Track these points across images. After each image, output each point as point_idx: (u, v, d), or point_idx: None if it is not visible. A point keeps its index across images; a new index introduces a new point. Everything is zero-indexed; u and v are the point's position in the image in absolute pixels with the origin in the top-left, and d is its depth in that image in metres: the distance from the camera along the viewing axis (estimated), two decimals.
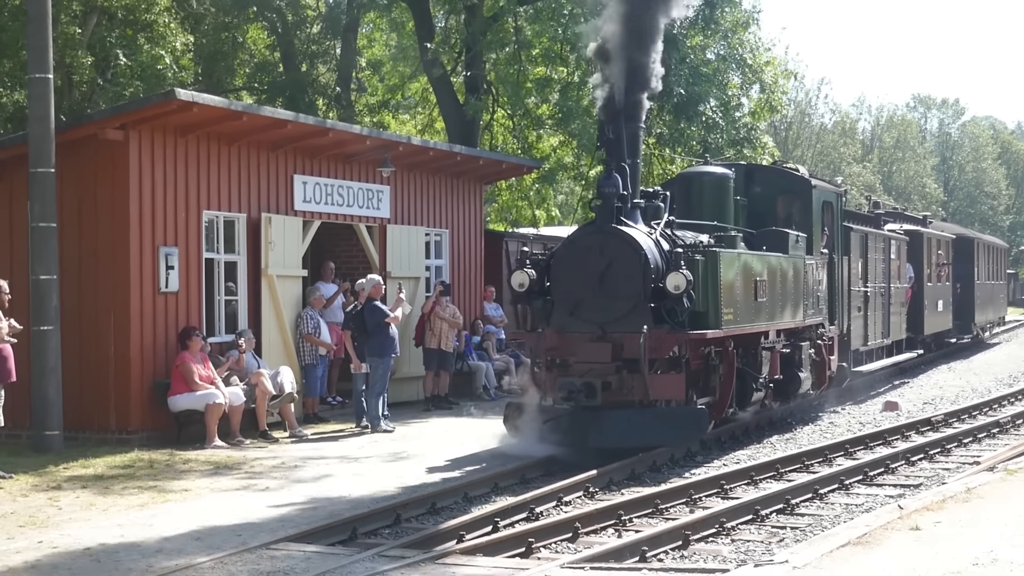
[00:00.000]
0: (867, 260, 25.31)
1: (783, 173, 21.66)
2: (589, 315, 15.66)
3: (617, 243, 15.51)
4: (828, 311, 21.28)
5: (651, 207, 16.81)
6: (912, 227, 32.64)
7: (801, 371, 19.29)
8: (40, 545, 11.24)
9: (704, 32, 33.03)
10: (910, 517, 10.97)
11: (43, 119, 16.99)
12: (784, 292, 18.58)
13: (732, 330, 16.53)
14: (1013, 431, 19.19)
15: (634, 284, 15.35)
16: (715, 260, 16.10)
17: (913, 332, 30.60)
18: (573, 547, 11.14)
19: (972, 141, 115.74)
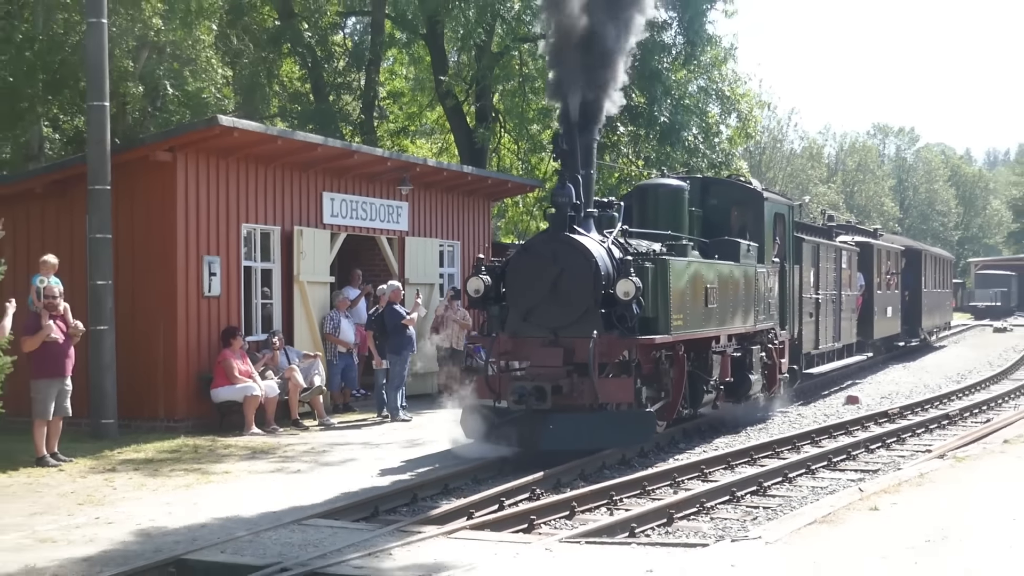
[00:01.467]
0: (819, 269, 24.38)
1: (737, 186, 20.50)
2: (542, 320, 14.58)
3: (569, 251, 14.40)
4: (779, 317, 20.28)
5: (605, 216, 15.81)
6: (863, 239, 31.77)
7: (752, 373, 18.26)
8: (96, 521, 11.26)
9: (686, 67, 33.09)
10: (869, 499, 10.99)
11: (100, 142, 17.03)
12: (735, 298, 17.53)
13: (682, 335, 15.44)
14: (961, 423, 19.19)
15: (585, 290, 14.29)
16: (665, 268, 15.05)
17: (863, 336, 29.77)
18: (570, 523, 11.16)
19: (925, 165, 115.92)
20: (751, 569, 8.31)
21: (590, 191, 15.15)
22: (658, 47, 32.32)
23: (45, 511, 11.83)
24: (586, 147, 14.98)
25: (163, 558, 9.31)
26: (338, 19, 36.78)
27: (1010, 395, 23.26)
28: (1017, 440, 15.27)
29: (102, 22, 17.40)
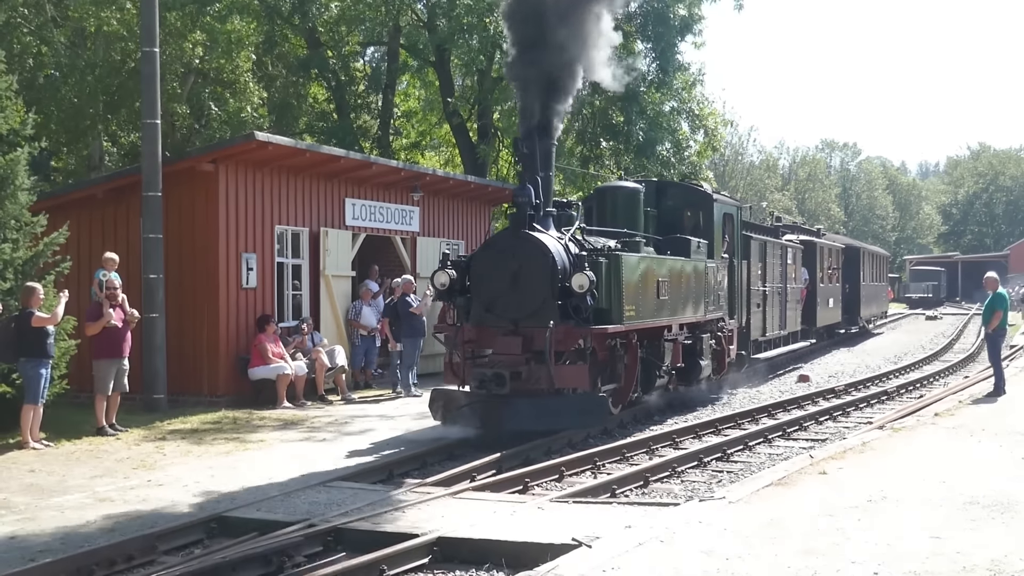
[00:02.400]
0: (766, 264, 23.37)
1: (689, 189, 19.68)
2: (503, 311, 13.75)
3: (528, 247, 13.67)
4: (728, 307, 19.44)
5: (565, 215, 14.90)
6: (807, 237, 30.94)
7: (702, 359, 17.63)
8: (149, 483, 11.27)
9: (660, 90, 33.02)
10: (818, 464, 11.00)
11: (152, 155, 17.01)
12: (686, 291, 16.66)
13: (634, 325, 14.56)
14: (898, 398, 19.18)
15: (542, 283, 13.52)
16: (617, 262, 14.23)
17: (808, 324, 28.79)
18: (559, 485, 11.17)
19: (866, 175, 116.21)
20: (716, 525, 8.30)
21: (549, 192, 14.47)
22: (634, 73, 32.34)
23: (104, 474, 11.85)
24: (545, 152, 14.24)
25: (206, 515, 9.31)
26: (359, 48, 36.72)
27: (940, 374, 23.28)
28: (946, 413, 15.30)
29: (155, 51, 17.38)
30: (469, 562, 8.09)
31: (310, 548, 8.36)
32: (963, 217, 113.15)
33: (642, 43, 33.57)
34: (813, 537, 7.87)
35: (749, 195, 75.24)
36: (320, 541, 8.49)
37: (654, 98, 32.63)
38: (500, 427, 13.01)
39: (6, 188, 15.05)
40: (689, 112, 35.07)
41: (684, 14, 32.66)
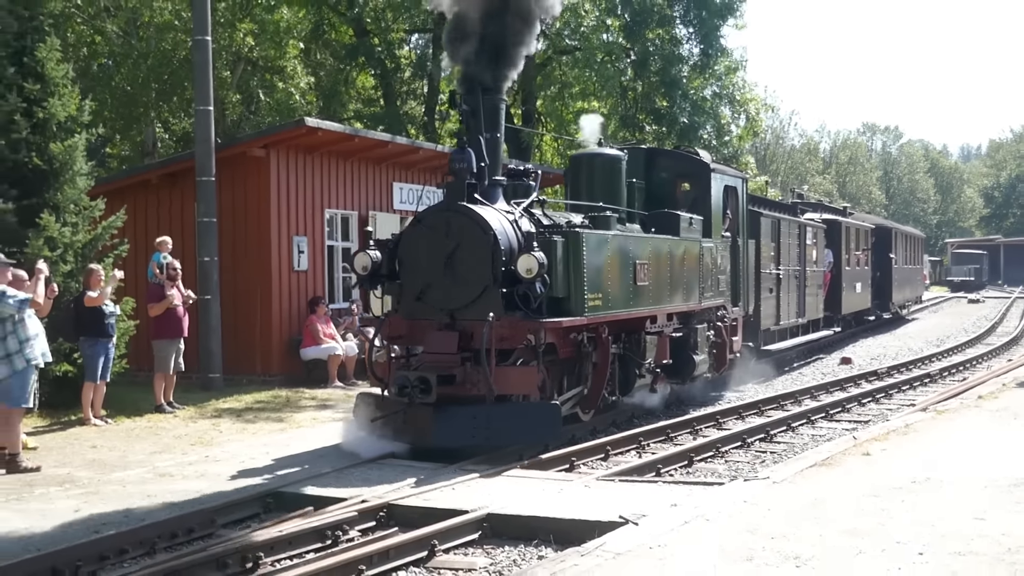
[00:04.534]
0: (780, 244, 20.65)
1: (682, 157, 16.52)
2: (437, 301, 11.17)
3: (464, 222, 11.02)
4: (732, 293, 16.64)
5: (520, 185, 12.56)
6: (831, 216, 28.05)
7: (696, 354, 14.73)
8: (206, 459, 11.42)
9: (702, 75, 32.87)
10: (862, 445, 10.94)
11: (205, 141, 17.16)
12: (673, 275, 13.91)
13: (600, 317, 11.90)
14: (941, 381, 19.00)
15: (482, 267, 10.92)
16: (577, 241, 11.45)
17: (831, 311, 26.05)
18: (605, 464, 11.17)
19: (907, 159, 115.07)
20: (761, 504, 8.30)
21: (497, 157, 11.81)
22: (677, 58, 32.17)
23: (163, 450, 12.02)
24: (491, 108, 11.61)
25: (262, 491, 9.42)
26: (404, 35, 36.80)
27: (983, 357, 23.03)
28: (990, 396, 15.13)
29: (206, 39, 17.51)
30: (518, 538, 8.14)
31: (363, 523, 8.44)
32: (1005, 200, 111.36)
33: (684, 28, 33.39)
34: (857, 517, 7.84)
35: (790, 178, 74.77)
36: (372, 517, 8.57)
37: (696, 83, 32.49)
38: (429, 441, 10.63)
39: (65, 173, 15.25)
40: (731, 97, 34.88)
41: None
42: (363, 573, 7.18)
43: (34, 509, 9.23)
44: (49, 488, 10.07)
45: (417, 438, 10.69)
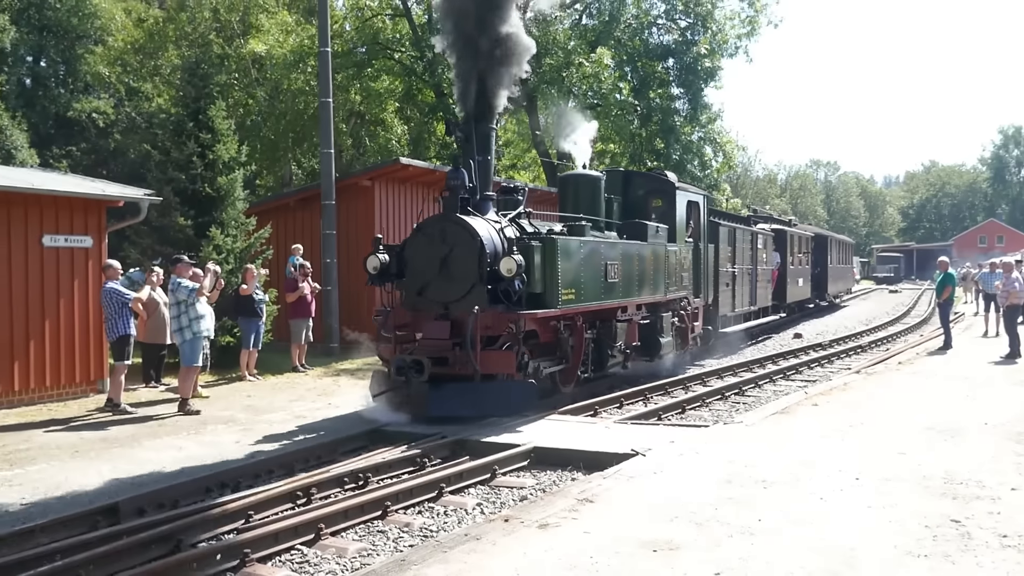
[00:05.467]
0: (736, 248, 19.40)
1: (653, 177, 15.41)
2: (434, 296, 10.39)
3: (457, 230, 10.28)
4: (694, 286, 15.56)
5: (511, 200, 11.71)
6: (779, 226, 26.84)
7: (663, 336, 13.80)
8: (329, 406, 11.51)
9: (691, 124, 32.54)
10: (811, 399, 10.79)
11: (328, 175, 17.27)
12: (641, 272, 12.94)
13: (573, 308, 10.94)
14: (869, 350, 18.68)
15: (471, 267, 10.17)
16: (552, 246, 10.56)
17: (779, 300, 24.53)
18: (620, 412, 11.09)
19: (844, 185, 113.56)
20: (736, 441, 8.21)
21: (487, 176, 10.97)
22: (672, 112, 31.92)
23: (298, 399, 12.12)
24: (482, 136, 10.82)
25: (369, 428, 9.48)
26: None
27: (901, 333, 22.58)
28: (907, 362, 14.87)
29: (328, 101, 17.62)
30: (557, 465, 8.12)
31: (442, 453, 8.48)
32: (917, 216, 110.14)
33: (677, 89, 33.08)
34: (809, 451, 7.73)
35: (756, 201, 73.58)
36: (449, 448, 8.59)
37: (686, 130, 32.18)
38: (427, 411, 9.75)
39: (228, 199, 15.45)
40: (712, 140, 34.47)
41: (708, 66, 32.07)
42: (443, 489, 7.20)
43: (207, 441, 9.36)
44: (217, 426, 10.20)
45: (417, 409, 9.82)
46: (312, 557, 5.74)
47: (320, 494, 7.02)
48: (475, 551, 5.09)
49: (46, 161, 29.08)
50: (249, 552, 5.55)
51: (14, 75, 33.32)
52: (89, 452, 8.94)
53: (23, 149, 28.85)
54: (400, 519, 6.53)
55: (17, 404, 11.68)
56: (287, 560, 5.70)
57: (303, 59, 28.51)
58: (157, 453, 8.78)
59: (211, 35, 30.99)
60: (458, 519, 6.64)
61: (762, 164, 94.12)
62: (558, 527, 5.53)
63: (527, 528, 5.51)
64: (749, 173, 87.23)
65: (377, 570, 4.83)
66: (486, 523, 5.77)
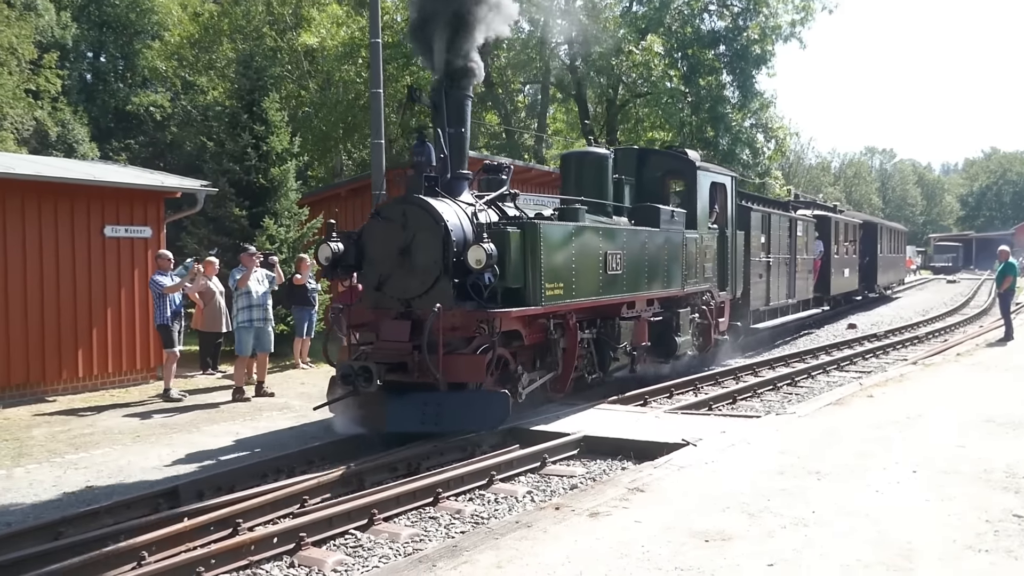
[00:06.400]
0: (770, 235, 17.50)
1: (670, 156, 13.58)
2: (394, 291, 8.78)
3: (419, 214, 8.63)
4: (719, 278, 13.70)
5: (495, 180, 10.09)
6: (822, 212, 24.42)
7: (679, 335, 12.12)
8: None
9: (741, 112, 32.06)
10: (866, 390, 10.59)
11: (378, 165, 17.25)
12: (652, 263, 11.22)
13: (560, 305, 9.22)
14: (927, 341, 18.27)
15: (435, 258, 8.54)
16: (534, 232, 8.79)
17: (821, 292, 22.39)
18: (670, 401, 11.01)
19: (900, 173, 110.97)
20: (789, 432, 8.10)
21: (462, 151, 9.33)
22: (722, 99, 31.49)
23: None
24: (456, 103, 9.12)
25: None
26: (520, 86, 36.73)
27: (959, 324, 22.06)
28: (966, 354, 14.49)
29: (379, 92, 17.72)
30: (606, 454, 8.10)
31: (492, 441, 8.50)
32: (977, 204, 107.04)
33: (728, 76, 32.63)
34: (864, 443, 7.59)
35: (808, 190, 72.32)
36: (499, 436, 8.61)
37: (737, 117, 31.72)
38: (384, 426, 8.31)
39: (281, 190, 15.69)
40: (764, 127, 33.93)
41: (759, 52, 31.54)
42: (494, 477, 7.24)
43: (262, 427, 9.54)
44: (272, 412, 10.38)
45: (372, 424, 8.47)
46: (366, 542, 5.82)
47: (372, 480, 7.11)
48: (526, 538, 5.11)
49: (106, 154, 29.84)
50: (304, 536, 5.65)
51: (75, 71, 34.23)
52: (149, 437, 9.18)
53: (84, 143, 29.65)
54: (451, 506, 6.58)
55: (81, 390, 12.04)
56: (341, 544, 5.79)
57: (354, 51, 28.75)
58: (215, 438, 8.98)
59: (264, 28, 31.40)
60: (508, 506, 6.67)
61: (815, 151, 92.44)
62: (609, 516, 5.52)
63: (578, 516, 5.52)
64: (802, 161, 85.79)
65: (430, 555, 4.89)
66: (537, 511, 5.78)
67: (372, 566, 5.38)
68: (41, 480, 7.51)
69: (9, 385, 11.35)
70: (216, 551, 5.25)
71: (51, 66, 27.38)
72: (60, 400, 11.49)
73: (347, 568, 5.37)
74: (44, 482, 7.43)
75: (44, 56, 27.14)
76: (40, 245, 11.63)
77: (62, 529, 5.85)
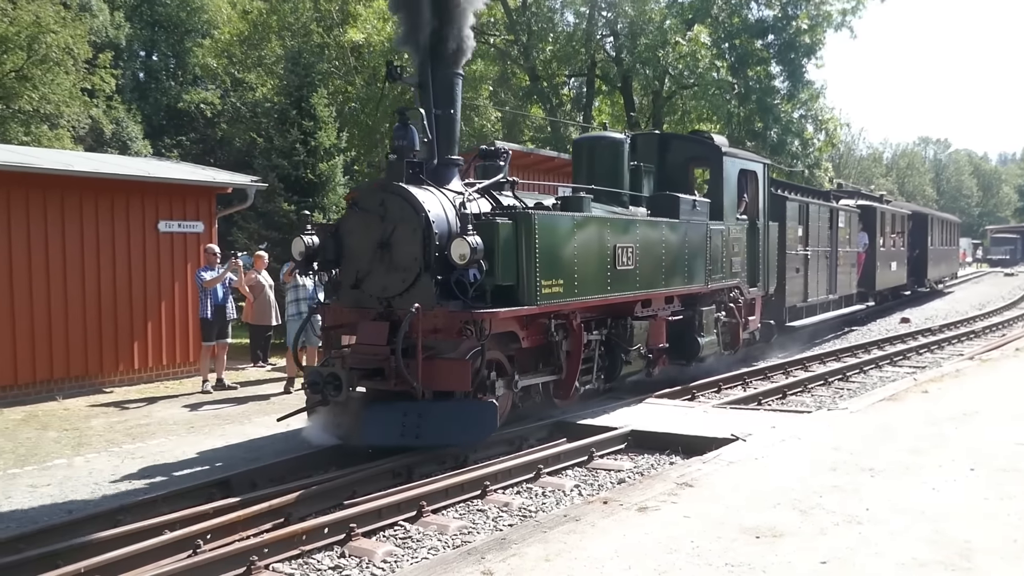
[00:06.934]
0: (808, 227, 16.32)
1: (694, 141, 12.57)
2: (373, 288, 7.96)
3: (399, 204, 7.77)
4: (749, 274, 12.65)
5: (492, 167, 9.13)
6: (867, 202, 22.77)
7: (702, 335, 11.07)
8: None
9: (790, 102, 31.57)
10: (921, 385, 10.37)
11: None
12: (670, 258, 10.21)
13: (559, 304, 8.28)
14: (983, 336, 17.86)
15: (415, 252, 7.69)
16: (528, 224, 7.85)
17: (866, 287, 21.10)
18: (718, 396, 10.92)
19: (955, 164, 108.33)
20: (841, 428, 7.98)
21: (451, 134, 8.50)
22: (771, 90, 31.04)
23: None
24: (444, 83, 8.27)
25: None
26: (565, 79, 36.61)
27: (1018, 318, 21.48)
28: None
29: None
30: (654, 448, 8.07)
31: (539, 434, 8.52)
32: None
33: (776, 65, 32.13)
34: (919, 440, 7.44)
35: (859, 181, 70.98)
36: (546, 430, 8.63)
37: (786, 108, 31.25)
38: (360, 438, 7.51)
39: (329, 184, 15.86)
40: (814, 117, 33.37)
41: (809, 41, 31.00)
42: (541, 470, 7.25)
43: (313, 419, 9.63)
44: None
45: (347, 435, 7.79)
46: (415, 533, 5.87)
47: (420, 472, 7.17)
48: (574, 532, 5.11)
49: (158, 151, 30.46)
50: (354, 527, 5.71)
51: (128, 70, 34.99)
52: (203, 428, 9.37)
53: (138, 140, 30.30)
54: (499, 499, 6.61)
55: (137, 381, 12.33)
56: (391, 535, 5.86)
57: None
58: (266, 429, 9.13)
59: (312, 25, 31.73)
60: (556, 500, 6.68)
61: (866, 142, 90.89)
62: (657, 510, 5.50)
63: (626, 511, 5.50)
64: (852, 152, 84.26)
65: (479, 547, 4.91)
66: (585, 505, 5.78)
67: (421, 557, 5.43)
68: (100, 469, 7.71)
69: (68, 376, 11.67)
70: (269, 540, 5.34)
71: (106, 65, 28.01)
72: (116, 391, 11.78)
73: (396, 559, 5.42)
74: (103, 471, 7.63)
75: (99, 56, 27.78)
76: (97, 240, 11.92)
77: (120, 517, 6.00)
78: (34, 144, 23.48)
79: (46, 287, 11.43)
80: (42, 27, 23.88)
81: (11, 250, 11.07)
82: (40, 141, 24.27)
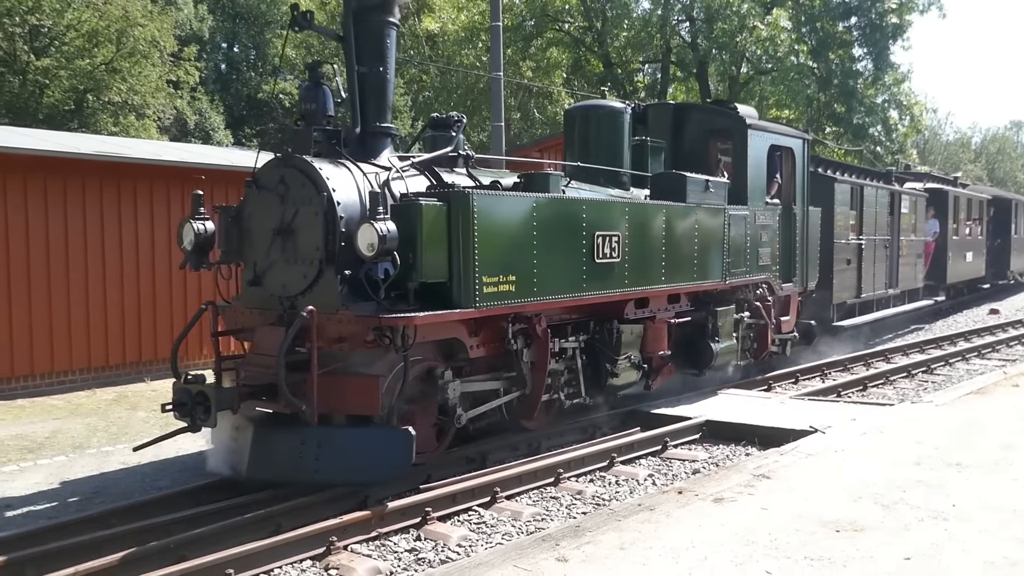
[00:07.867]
0: (861, 212, 14.45)
1: (714, 112, 10.58)
2: (273, 286, 6.48)
3: (300, 181, 6.25)
4: (783, 267, 10.74)
5: (440, 137, 7.42)
6: (936, 186, 20.16)
7: (716, 341, 9.28)
8: None
9: (874, 87, 30.61)
10: (1011, 379, 9.99)
11: (498, 147, 17.54)
12: (674, 248, 8.51)
13: (512, 306, 6.68)
14: None
15: (315, 240, 6.18)
16: (464, 206, 6.21)
17: (935, 280, 19.01)
18: (796, 387, 10.72)
19: None
20: (925, 422, 7.74)
21: (382, 97, 6.90)
22: (854, 73, 30.15)
23: None
24: (372, 34, 6.75)
25: None
26: (640, 66, 36.22)
27: None
28: None
29: (499, 75, 17.87)
30: (729, 439, 7.98)
31: (611, 423, 8.50)
32: None
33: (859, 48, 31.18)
34: (1010, 435, 7.17)
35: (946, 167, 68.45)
36: (619, 419, 8.60)
37: (869, 92, 30.32)
38: (247, 471, 6.08)
39: None
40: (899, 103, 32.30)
41: (896, 22, 29.96)
42: (614, 459, 7.24)
43: None
44: None
45: (235, 465, 6.36)
46: (489, 519, 5.93)
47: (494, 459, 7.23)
48: (649, 521, 5.10)
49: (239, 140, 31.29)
50: (430, 511, 5.80)
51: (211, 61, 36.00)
52: None
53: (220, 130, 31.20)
54: (572, 486, 6.63)
55: None
56: (465, 520, 5.93)
57: (474, 35, 29.04)
58: None
59: None
60: (630, 489, 6.66)
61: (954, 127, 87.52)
62: (734, 502, 5.44)
63: (701, 501, 5.46)
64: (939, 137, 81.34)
65: (553, 534, 4.94)
66: (659, 494, 5.75)
67: (496, 542, 5.49)
68: (187, 448, 7.99)
69: (156, 359, 12.12)
70: (348, 522, 5.46)
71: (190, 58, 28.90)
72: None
73: (471, 543, 5.49)
74: (189, 450, 7.91)
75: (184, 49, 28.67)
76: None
77: (203, 496, 6.22)
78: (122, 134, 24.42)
79: (136, 274, 11.91)
80: (130, 21, 24.78)
81: (105, 238, 11.55)
82: (128, 131, 25.21)
